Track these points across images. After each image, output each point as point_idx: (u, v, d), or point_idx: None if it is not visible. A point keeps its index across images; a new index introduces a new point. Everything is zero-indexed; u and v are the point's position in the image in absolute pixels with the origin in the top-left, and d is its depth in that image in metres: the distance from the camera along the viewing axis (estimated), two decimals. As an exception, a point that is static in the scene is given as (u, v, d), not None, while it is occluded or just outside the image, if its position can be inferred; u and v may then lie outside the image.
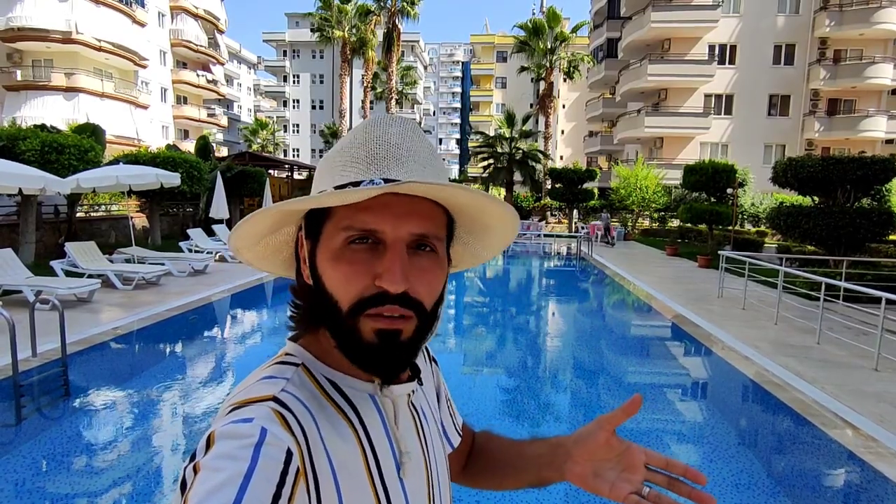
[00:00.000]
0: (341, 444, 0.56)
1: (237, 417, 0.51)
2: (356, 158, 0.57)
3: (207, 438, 0.49)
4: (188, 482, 0.46)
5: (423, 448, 0.66)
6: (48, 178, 8.27)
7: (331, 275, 0.56)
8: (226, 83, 46.62)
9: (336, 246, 0.56)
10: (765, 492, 3.41)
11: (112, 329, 6.35)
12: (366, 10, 30.59)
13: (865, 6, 26.92)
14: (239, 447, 0.47)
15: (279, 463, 0.48)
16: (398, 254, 0.55)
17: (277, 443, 0.49)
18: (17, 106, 27.42)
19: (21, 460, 3.52)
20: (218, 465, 0.46)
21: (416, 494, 0.62)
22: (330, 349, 0.61)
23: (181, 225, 17.44)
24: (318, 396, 0.58)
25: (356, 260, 0.55)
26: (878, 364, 5.54)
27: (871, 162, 10.22)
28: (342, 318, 0.56)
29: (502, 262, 16.81)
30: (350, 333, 0.56)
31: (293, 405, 0.54)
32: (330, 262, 0.57)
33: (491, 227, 0.67)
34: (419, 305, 0.57)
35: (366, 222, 0.55)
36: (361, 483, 0.56)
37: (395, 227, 0.55)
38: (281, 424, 0.51)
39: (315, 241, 0.59)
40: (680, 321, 7.77)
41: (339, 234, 0.56)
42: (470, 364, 6.35)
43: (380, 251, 0.55)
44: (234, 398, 0.55)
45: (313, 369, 0.61)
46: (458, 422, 0.85)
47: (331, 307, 0.57)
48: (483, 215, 0.63)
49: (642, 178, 23.04)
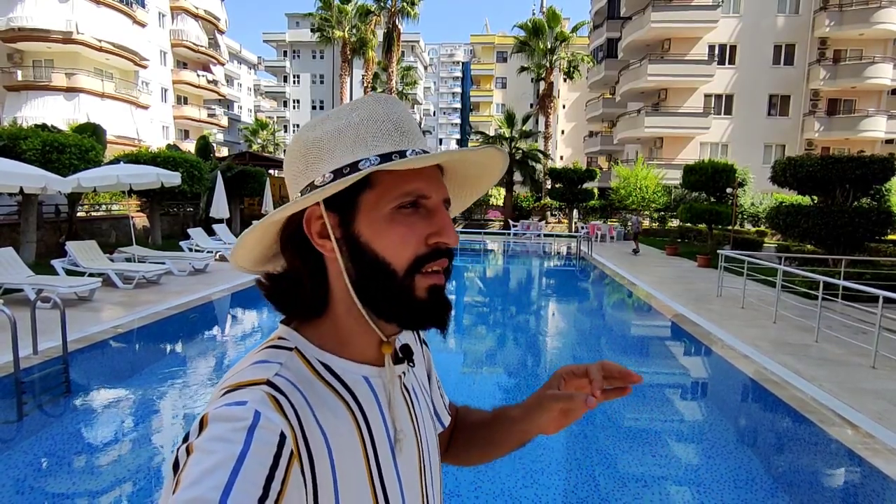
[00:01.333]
0: (337, 424, 0.57)
1: (231, 400, 0.51)
2: (387, 131, 0.61)
3: (201, 420, 0.49)
4: (181, 463, 0.47)
5: (416, 429, 0.67)
6: (49, 177, 8.28)
7: (384, 238, 0.59)
8: (226, 83, 46.63)
9: (386, 211, 0.59)
10: (764, 489, 3.43)
11: (113, 327, 6.37)
12: (366, 10, 30.58)
13: (865, 6, 26.92)
14: (232, 430, 0.47)
15: (272, 446, 0.48)
16: (447, 214, 0.62)
17: (271, 426, 0.49)
18: (17, 106, 27.42)
19: (22, 457, 3.54)
20: (211, 448, 0.46)
21: (408, 474, 0.63)
22: (329, 331, 0.63)
23: (181, 224, 17.46)
24: (311, 379, 0.59)
25: (409, 222, 0.59)
26: (876, 362, 5.56)
27: (870, 161, 10.23)
28: (397, 280, 0.59)
29: (502, 262, 16.82)
30: (403, 292, 0.59)
31: (287, 389, 0.54)
32: (382, 227, 0.59)
33: (479, 177, 0.73)
34: (452, 254, 0.63)
35: (417, 188, 0.59)
36: (357, 463, 0.57)
37: (438, 191, 0.61)
38: (274, 408, 0.51)
39: (348, 212, 0.59)
40: (679, 320, 7.78)
41: (387, 202, 0.58)
42: (470, 364, 6.36)
43: (423, 214, 0.60)
44: (228, 381, 0.55)
45: (306, 353, 0.61)
46: (446, 402, 0.86)
47: (381, 271, 0.59)
48: (482, 170, 0.71)
49: (642, 178, 23.07)
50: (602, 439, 4.13)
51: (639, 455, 3.85)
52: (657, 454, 3.92)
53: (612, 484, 3.44)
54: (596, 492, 3.30)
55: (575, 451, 3.94)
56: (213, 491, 0.43)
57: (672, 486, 3.47)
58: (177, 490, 0.44)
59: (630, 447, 4.00)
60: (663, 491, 3.38)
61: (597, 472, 3.57)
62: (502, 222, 25.16)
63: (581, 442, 4.07)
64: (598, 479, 3.47)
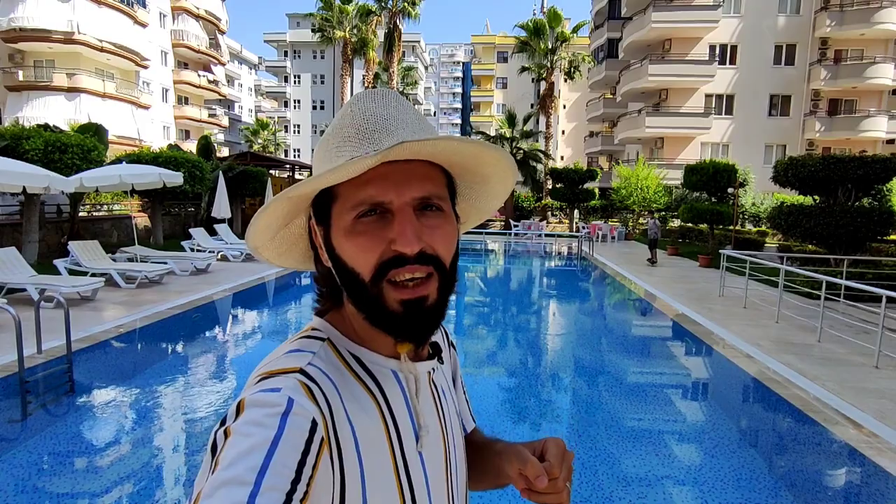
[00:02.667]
0: (364, 416, 0.58)
1: (266, 387, 0.53)
2: (347, 137, 0.59)
3: (238, 405, 0.52)
4: (219, 445, 0.49)
5: (442, 425, 0.68)
6: (52, 176, 8.29)
7: (347, 249, 0.58)
8: (227, 84, 46.67)
9: (347, 223, 0.58)
10: (767, 488, 3.43)
11: (115, 327, 6.39)
12: (367, 10, 30.58)
13: (866, 6, 26.91)
14: (267, 415, 0.49)
15: (304, 432, 0.50)
16: (407, 217, 0.57)
17: (303, 412, 0.51)
18: (19, 106, 27.45)
19: (27, 456, 3.54)
20: (247, 431, 0.48)
21: (434, 469, 0.64)
22: (354, 325, 0.64)
23: (183, 224, 17.47)
24: (342, 370, 0.60)
25: (368, 231, 0.57)
26: (879, 361, 5.56)
27: (871, 161, 10.22)
28: (366, 288, 0.58)
29: (503, 262, 16.82)
30: (375, 302, 0.58)
31: (319, 378, 0.56)
32: (345, 239, 0.58)
33: (489, 176, 0.67)
34: (437, 260, 0.59)
35: (371, 196, 0.57)
36: (383, 455, 0.58)
37: (399, 194, 0.57)
38: (307, 396, 0.53)
39: (327, 225, 0.61)
40: (681, 320, 7.78)
41: (347, 213, 0.58)
42: (471, 364, 6.36)
43: (389, 220, 0.57)
44: (263, 368, 0.57)
45: (338, 344, 0.63)
46: (470, 408, 0.87)
47: (353, 280, 0.59)
48: (479, 165, 0.64)
49: (643, 178, 23.05)
50: (604, 439, 4.14)
51: (642, 455, 3.85)
52: (660, 454, 3.92)
53: (615, 484, 3.44)
54: (599, 491, 3.30)
55: (577, 450, 3.94)
56: (249, 472, 0.45)
57: (675, 486, 3.47)
58: (216, 470, 0.46)
59: (633, 447, 4.00)
60: (666, 491, 3.38)
61: (600, 472, 3.57)
62: (503, 222, 25.15)
63: (584, 442, 4.07)
64: (601, 479, 3.47)
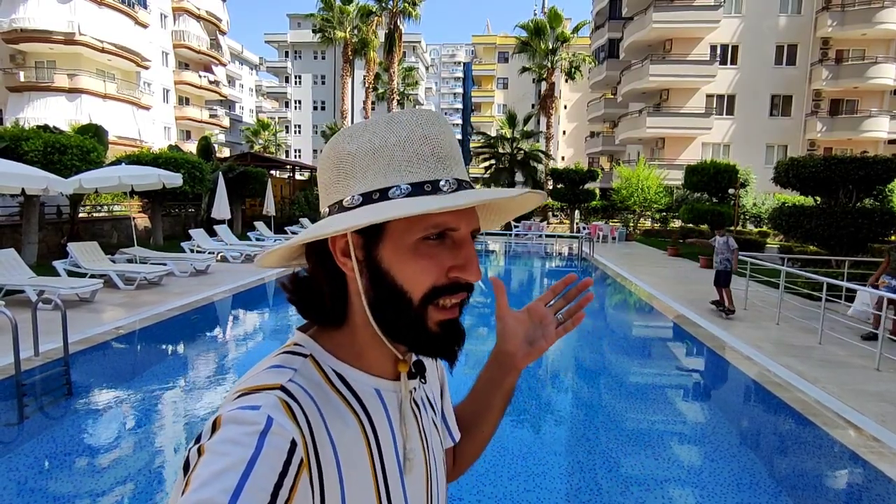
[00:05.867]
0: (346, 436, 0.57)
1: (244, 404, 0.51)
2: (422, 156, 0.58)
3: (214, 422, 0.50)
4: (191, 463, 0.47)
5: (423, 444, 0.67)
6: (51, 178, 8.29)
7: (405, 268, 0.57)
8: (228, 84, 46.68)
9: (411, 241, 0.57)
10: (767, 491, 3.40)
11: (114, 329, 6.37)
12: (367, 10, 30.58)
13: (868, 6, 26.85)
14: (244, 433, 0.48)
15: (283, 452, 0.48)
16: (472, 247, 0.60)
17: (282, 432, 0.49)
18: (20, 107, 27.47)
19: (24, 459, 3.53)
20: (223, 450, 0.46)
21: (415, 490, 0.63)
22: (350, 341, 0.62)
23: (183, 225, 17.47)
24: (324, 388, 0.59)
25: (432, 254, 0.58)
26: (880, 364, 5.53)
27: (873, 162, 10.20)
28: (411, 308, 0.58)
29: (504, 263, 16.81)
30: (416, 322, 0.58)
31: (300, 396, 0.54)
32: (405, 256, 0.57)
33: (515, 209, 0.74)
34: (472, 289, 0.62)
35: (447, 221, 0.57)
36: (364, 476, 0.57)
37: (467, 224, 0.60)
38: (287, 414, 0.51)
39: (374, 237, 0.58)
40: (681, 321, 7.75)
41: (413, 233, 0.57)
42: (471, 365, 6.34)
43: (448, 245, 0.59)
44: (243, 384, 0.55)
45: (321, 361, 0.61)
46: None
47: (397, 299, 0.58)
48: (522, 207, 0.72)
49: (644, 179, 23.02)
50: (604, 442, 4.11)
51: (641, 458, 3.83)
52: (660, 456, 3.90)
53: (615, 487, 3.42)
54: (599, 495, 3.28)
55: (577, 453, 3.92)
56: (222, 494, 0.43)
57: (675, 489, 3.45)
58: (186, 490, 0.44)
59: (633, 449, 3.98)
60: (666, 494, 3.36)
61: (599, 475, 3.55)
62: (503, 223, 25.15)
63: (583, 445, 4.05)
64: (600, 482, 3.45)
